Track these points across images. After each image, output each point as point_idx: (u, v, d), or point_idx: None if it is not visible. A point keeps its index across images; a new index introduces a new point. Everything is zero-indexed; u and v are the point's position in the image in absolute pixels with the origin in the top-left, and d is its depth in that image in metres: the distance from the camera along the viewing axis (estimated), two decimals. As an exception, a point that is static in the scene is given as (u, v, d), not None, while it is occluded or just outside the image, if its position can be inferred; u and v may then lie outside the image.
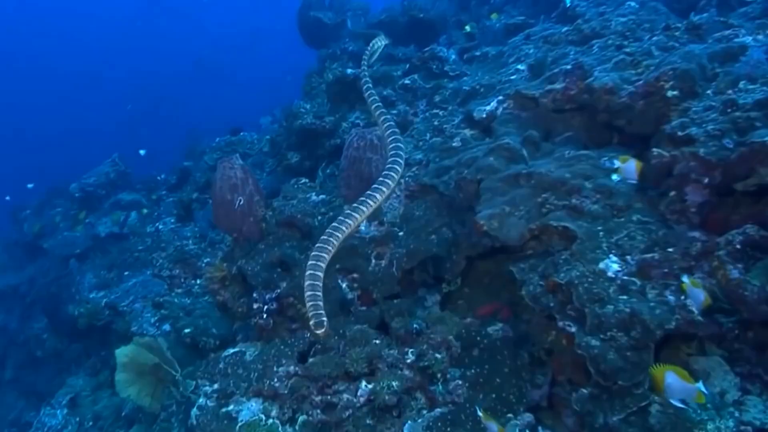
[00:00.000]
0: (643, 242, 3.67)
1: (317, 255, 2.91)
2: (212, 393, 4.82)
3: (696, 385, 2.75)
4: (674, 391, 2.78)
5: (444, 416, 3.80)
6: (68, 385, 8.94)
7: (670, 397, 2.82)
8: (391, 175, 3.33)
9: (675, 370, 2.83)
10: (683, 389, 2.77)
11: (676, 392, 2.80)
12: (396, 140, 3.63)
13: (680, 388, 2.78)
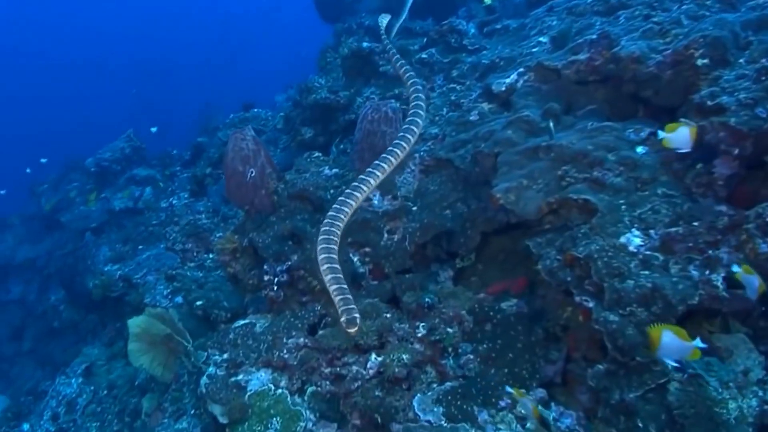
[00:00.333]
0: (668, 216, 3.52)
1: (328, 238, 2.78)
2: (222, 363, 4.80)
3: (693, 343, 2.63)
4: (670, 350, 2.66)
5: (454, 390, 3.73)
6: (83, 355, 9.06)
7: (665, 357, 2.71)
8: (401, 144, 3.21)
9: (672, 329, 2.70)
10: (679, 348, 2.65)
11: (671, 351, 2.66)
12: (417, 107, 3.48)
13: (676, 347, 2.66)
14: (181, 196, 11.35)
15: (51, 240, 14.19)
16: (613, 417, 3.06)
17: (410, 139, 3.22)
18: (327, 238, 2.82)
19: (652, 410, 2.98)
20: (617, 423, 3.04)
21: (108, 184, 13.88)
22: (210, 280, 7.97)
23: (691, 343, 2.68)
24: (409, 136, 3.26)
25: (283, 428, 4.05)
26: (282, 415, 4.17)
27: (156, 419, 6.34)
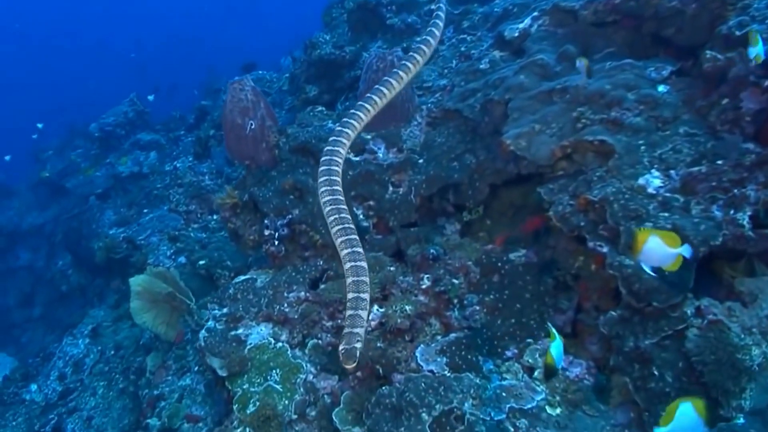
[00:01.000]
0: (690, 156, 3.28)
1: (334, 198, 2.46)
2: (221, 317, 4.69)
3: (677, 250, 2.37)
4: (651, 256, 2.41)
5: (459, 340, 3.58)
6: (90, 317, 9.08)
7: (645, 263, 2.44)
8: (416, 56, 2.93)
9: (661, 235, 2.41)
10: (662, 255, 2.39)
11: (653, 258, 2.40)
12: (435, 23, 3.19)
13: (659, 254, 2.38)
14: (185, 160, 11.19)
15: (58, 206, 14.17)
16: (627, 365, 2.89)
17: (418, 59, 2.95)
18: (331, 189, 2.54)
19: (668, 358, 2.80)
20: (630, 371, 2.87)
21: (112, 149, 13.76)
22: (213, 240, 7.86)
23: (675, 250, 2.39)
24: (424, 47, 2.99)
25: (282, 380, 3.94)
26: (282, 367, 4.06)
27: (160, 376, 6.31)
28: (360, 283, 2.01)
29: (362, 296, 1.98)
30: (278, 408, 3.66)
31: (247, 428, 3.53)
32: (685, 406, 2.15)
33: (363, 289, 1.99)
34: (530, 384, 3.17)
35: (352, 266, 2.09)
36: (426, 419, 3.02)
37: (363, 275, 2.04)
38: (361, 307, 1.97)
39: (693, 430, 2.15)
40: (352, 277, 2.06)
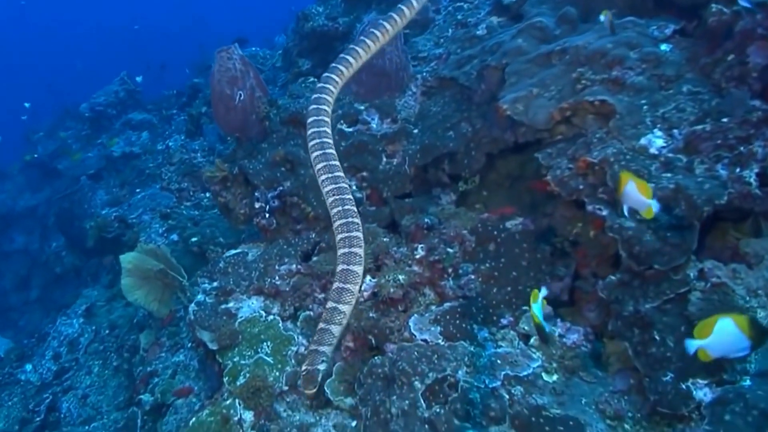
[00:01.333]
0: (694, 114, 3.14)
1: (328, 165, 2.29)
2: (211, 290, 4.58)
3: (649, 201, 2.47)
4: (628, 199, 2.55)
5: (453, 309, 3.47)
6: (84, 297, 8.98)
7: (624, 202, 2.57)
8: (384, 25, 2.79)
9: (637, 183, 2.51)
10: (637, 201, 2.51)
11: (629, 199, 2.54)
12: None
13: (635, 199, 2.50)
14: (177, 139, 11.02)
15: (50, 188, 14.00)
16: (626, 329, 2.79)
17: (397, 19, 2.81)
18: (324, 154, 2.37)
19: (670, 322, 2.70)
20: (630, 336, 2.77)
21: (103, 129, 13.55)
22: (206, 217, 7.73)
23: (648, 200, 2.47)
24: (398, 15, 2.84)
25: (273, 352, 3.84)
26: (273, 340, 3.97)
27: (153, 353, 6.23)
28: (350, 265, 1.89)
29: (347, 287, 1.85)
30: (269, 379, 3.57)
31: (236, 400, 3.44)
32: (725, 321, 2.01)
33: (352, 278, 1.89)
34: (526, 351, 3.07)
35: (345, 237, 1.98)
36: (419, 387, 2.93)
37: (357, 246, 1.95)
38: (335, 321, 1.85)
39: (735, 347, 2.00)
40: (344, 248, 1.95)
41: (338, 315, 1.84)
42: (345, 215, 2.11)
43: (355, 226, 2.00)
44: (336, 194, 2.16)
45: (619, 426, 2.63)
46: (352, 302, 1.89)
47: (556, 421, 2.61)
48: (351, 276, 1.94)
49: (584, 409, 2.70)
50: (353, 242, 1.96)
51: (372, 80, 5.86)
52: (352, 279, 1.94)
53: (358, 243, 1.95)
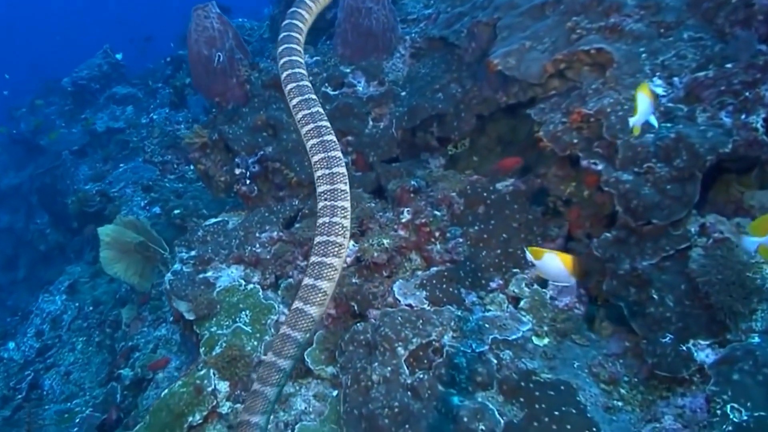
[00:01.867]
0: (695, 61, 2.92)
1: (310, 113, 1.82)
2: (189, 259, 4.38)
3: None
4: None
5: (440, 274, 3.29)
6: (66, 273, 8.76)
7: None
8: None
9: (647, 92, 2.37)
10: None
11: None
12: None
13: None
14: (162, 112, 10.70)
15: (34, 165, 13.67)
16: (622, 288, 2.61)
17: None
18: (305, 99, 1.98)
19: (669, 280, 2.51)
20: (626, 295, 2.59)
21: (87, 103, 13.17)
22: (190, 190, 7.50)
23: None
24: None
25: (252, 321, 3.66)
26: (252, 308, 3.78)
27: (135, 327, 6.05)
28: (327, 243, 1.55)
29: (306, 309, 1.49)
30: (246, 349, 3.38)
31: (211, 370, 3.26)
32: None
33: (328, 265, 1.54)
34: (516, 314, 2.89)
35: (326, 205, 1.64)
36: (402, 353, 2.76)
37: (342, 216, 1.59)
38: (274, 371, 1.48)
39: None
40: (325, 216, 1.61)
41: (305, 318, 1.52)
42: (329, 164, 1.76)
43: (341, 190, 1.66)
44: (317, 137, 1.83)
45: (614, 390, 2.47)
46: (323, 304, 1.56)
47: (547, 386, 2.44)
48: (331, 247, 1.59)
49: (577, 373, 2.53)
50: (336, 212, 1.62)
51: (358, 41, 5.59)
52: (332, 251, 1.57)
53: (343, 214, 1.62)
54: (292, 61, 1.93)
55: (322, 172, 1.69)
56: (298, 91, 1.84)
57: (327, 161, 1.71)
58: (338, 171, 1.67)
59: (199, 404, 3.03)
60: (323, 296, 1.50)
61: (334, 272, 1.52)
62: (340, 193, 1.62)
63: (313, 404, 3.09)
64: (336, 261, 1.52)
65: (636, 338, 2.57)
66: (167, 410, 2.99)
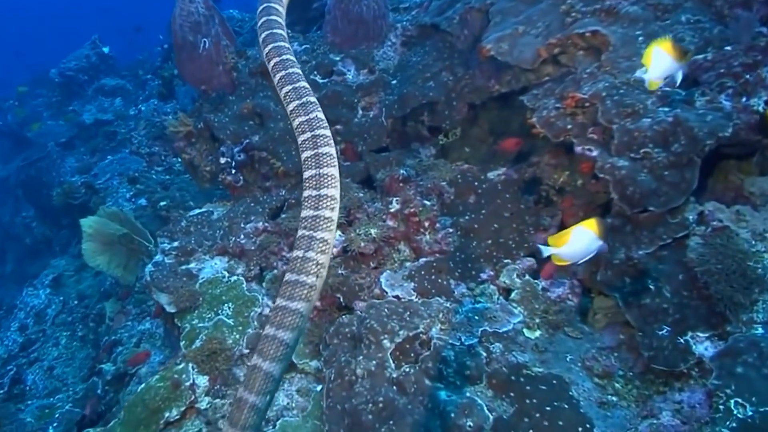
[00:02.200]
0: (693, 44, 2.81)
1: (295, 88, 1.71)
2: (171, 250, 4.24)
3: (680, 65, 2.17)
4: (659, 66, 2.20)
5: (429, 264, 3.17)
6: (51, 266, 8.58)
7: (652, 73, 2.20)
8: None
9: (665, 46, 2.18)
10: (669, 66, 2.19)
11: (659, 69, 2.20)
12: None
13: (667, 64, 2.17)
14: (150, 103, 10.51)
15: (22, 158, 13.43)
16: (617, 279, 2.50)
17: None
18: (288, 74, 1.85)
19: (666, 270, 2.41)
20: (621, 286, 2.48)
21: (75, 95, 12.95)
22: (177, 182, 7.34)
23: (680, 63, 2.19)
24: None
25: (235, 314, 3.53)
26: (235, 301, 3.65)
27: (119, 321, 5.90)
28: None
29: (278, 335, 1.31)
30: (227, 342, 3.26)
31: (189, 363, 3.13)
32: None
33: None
34: (506, 306, 2.78)
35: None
36: (388, 346, 2.64)
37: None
38: (255, 382, 1.30)
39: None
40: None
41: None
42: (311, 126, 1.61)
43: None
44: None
45: (609, 385, 2.36)
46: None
47: (538, 380, 2.33)
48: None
49: (569, 366, 2.43)
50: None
51: (348, 28, 5.45)
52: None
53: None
54: (273, 35, 1.80)
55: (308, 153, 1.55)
56: (281, 65, 1.71)
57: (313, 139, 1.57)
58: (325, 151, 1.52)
59: (176, 399, 2.90)
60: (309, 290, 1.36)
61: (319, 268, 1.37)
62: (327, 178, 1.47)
63: (296, 399, 2.97)
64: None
65: (631, 331, 2.47)
66: (143, 406, 2.86)
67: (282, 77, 1.66)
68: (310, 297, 1.35)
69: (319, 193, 1.49)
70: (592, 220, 2.12)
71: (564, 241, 2.10)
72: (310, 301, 1.35)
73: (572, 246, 2.08)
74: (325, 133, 1.55)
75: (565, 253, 2.11)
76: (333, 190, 1.48)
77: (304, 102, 1.61)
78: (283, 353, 1.31)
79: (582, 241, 2.06)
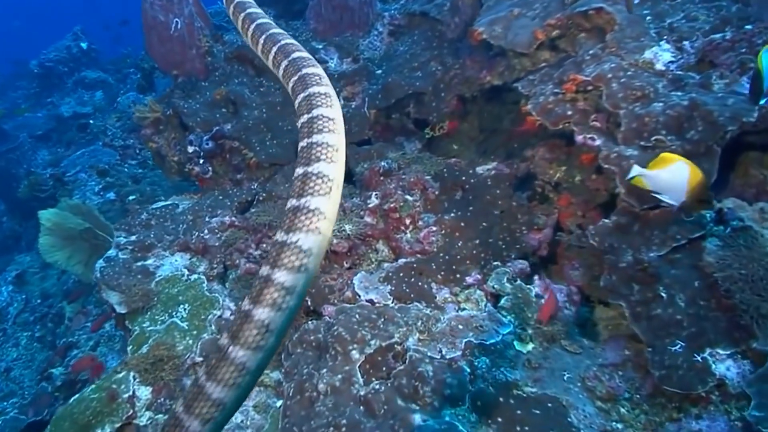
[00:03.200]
0: (708, 23, 2.51)
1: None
2: (127, 245, 3.84)
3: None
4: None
5: (408, 265, 2.81)
6: (15, 263, 8.10)
7: None
8: None
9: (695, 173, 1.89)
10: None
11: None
12: None
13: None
14: (130, 95, 10.11)
15: (-2, 150, 12.90)
16: (623, 285, 2.16)
17: None
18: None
19: (680, 275, 2.07)
20: (628, 293, 2.14)
21: (54, 87, 12.50)
22: (149, 175, 6.94)
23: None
24: None
25: (190, 316, 3.14)
26: (192, 302, 3.26)
27: (78, 322, 5.47)
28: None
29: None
30: (177, 348, 2.87)
31: (131, 372, 2.73)
32: None
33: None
34: (495, 314, 2.43)
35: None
36: (357, 358, 2.27)
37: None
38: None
39: None
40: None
41: None
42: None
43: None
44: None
45: (613, 409, 2.01)
46: None
47: (531, 402, 1.98)
48: None
49: (567, 387, 2.07)
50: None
51: (332, 15, 5.12)
52: None
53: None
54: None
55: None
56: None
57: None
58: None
59: (110, 414, 2.51)
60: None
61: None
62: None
63: (252, 417, 2.58)
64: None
65: (638, 345, 2.12)
66: (70, 421, 2.46)
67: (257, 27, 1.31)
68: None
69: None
70: (695, 168, 1.85)
71: (660, 166, 1.88)
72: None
73: (668, 174, 1.84)
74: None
75: (656, 177, 1.87)
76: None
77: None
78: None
79: (678, 177, 1.83)
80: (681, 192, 1.80)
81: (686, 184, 1.78)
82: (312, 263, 0.91)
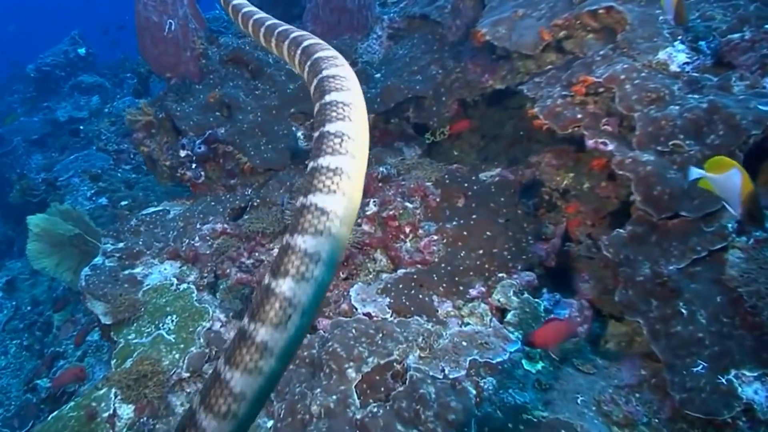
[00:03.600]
0: (725, 23, 2.38)
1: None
2: (114, 252, 3.69)
3: None
4: None
5: (408, 277, 2.66)
6: (6, 268, 7.93)
7: None
8: None
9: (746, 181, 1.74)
10: None
11: None
12: None
13: None
14: (126, 100, 10.00)
15: (-8, 155, 12.77)
16: (640, 300, 2.02)
17: None
18: None
19: (701, 290, 1.93)
20: (646, 308, 1.99)
21: (51, 91, 12.39)
22: (142, 180, 6.79)
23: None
24: None
25: (178, 328, 2.98)
26: (180, 313, 3.10)
27: (66, 331, 5.30)
28: None
29: None
30: (163, 363, 2.71)
31: (113, 389, 2.57)
32: None
33: None
34: (501, 330, 2.28)
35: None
36: (353, 377, 2.12)
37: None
38: None
39: None
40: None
41: None
42: None
43: None
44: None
45: (630, 435, 1.86)
46: None
47: (543, 428, 1.83)
48: None
49: (581, 411, 1.92)
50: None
51: (330, 17, 5.00)
52: None
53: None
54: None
55: None
56: None
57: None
58: None
59: (89, 435, 2.35)
60: None
61: None
62: None
63: (240, 437, 2.41)
64: None
65: (655, 365, 1.97)
66: (46, 442, 2.31)
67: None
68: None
69: None
70: (749, 182, 1.72)
71: (722, 170, 1.73)
72: None
73: (730, 179, 1.70)
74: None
75: (721, 181, 1.72)
76: None
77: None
78: None
79: (733, 182, 1.69)
80: (736, 202, 1.64)
81: (739, 194, 1.63)
82: (336, 227, 0.76)
